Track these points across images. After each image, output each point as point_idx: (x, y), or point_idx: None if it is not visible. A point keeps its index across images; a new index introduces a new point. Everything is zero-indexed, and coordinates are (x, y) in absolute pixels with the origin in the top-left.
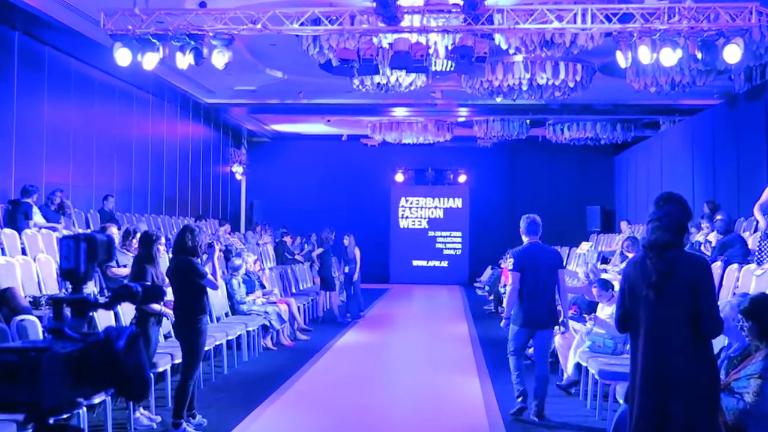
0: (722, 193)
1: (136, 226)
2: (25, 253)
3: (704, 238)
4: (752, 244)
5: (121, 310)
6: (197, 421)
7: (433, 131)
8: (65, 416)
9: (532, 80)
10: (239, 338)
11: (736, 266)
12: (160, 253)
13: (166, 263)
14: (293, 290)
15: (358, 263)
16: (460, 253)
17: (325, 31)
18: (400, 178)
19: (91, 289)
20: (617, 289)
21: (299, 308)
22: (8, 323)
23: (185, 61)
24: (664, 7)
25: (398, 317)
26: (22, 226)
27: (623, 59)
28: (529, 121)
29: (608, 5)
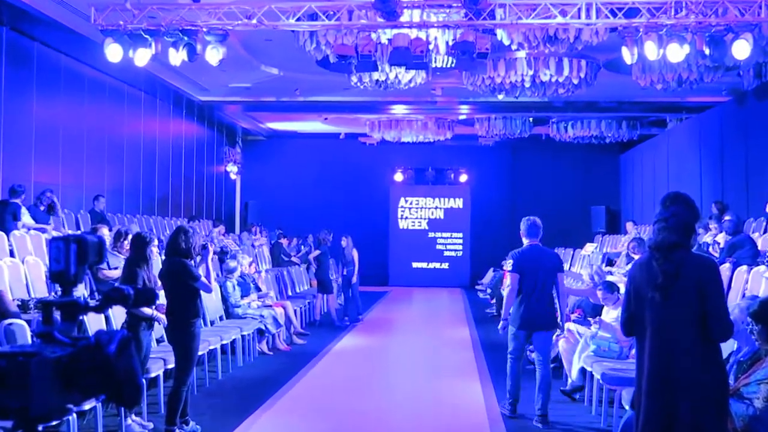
0: (731, 192)
1: (127, 227)
2: (13, 255)
3: (712, 239)
4: (762, 245)
5: (112, 313)
6: (190, 427)
7: (433, 129)
8: (55, 423)
9: (535, 77)
10: (234, 342)
11: (745, 268)
12: (152, 255)
13: (158, 265)
14: (289, 293)
15: (356, 265)
16: (461, 254)
17: (322, 26)
18: (399, 177)
19: (81, 291)
20: (623, 291)
21: (296, 311)
22: None
23: (178, 57)
24: (671, 1)
25: (398, 321)
26: (10, 227)
27: (629, 55)
28: (531, 119)
29: (613, 0)
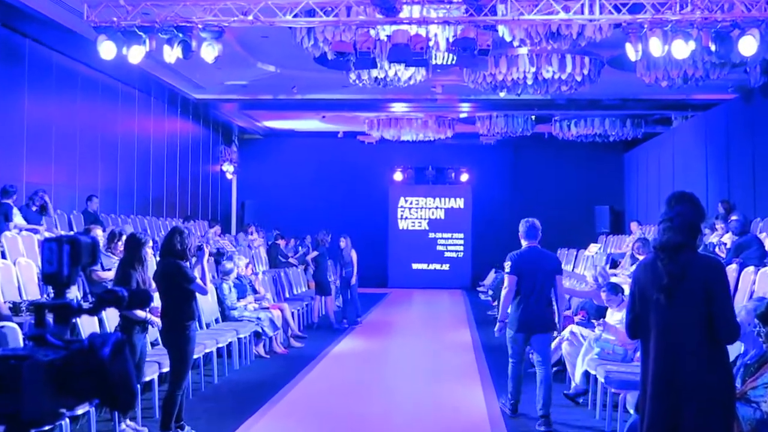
0: (737, 192)
1: (121, 227)
2: (4, 256)
3: (718, 239)
4: None
5: (105, 316)
6: None
7: (433, 128)
8: (47, 428)
9: (537, 74)
10: (230, 346)
11: (752, 269)
12: (147, 256)
13: (153, 267)
14: (287, 295)
15: (354, 266)
16: (462, 255)
17: (320, 22)
18: (399, 177)
19: (74, 294)
20: (627, 293)
21: (293, 314)
22: None
23: (173, 54)
24: None
25: (397, 323)
26: (1, 228)
27: (633, 52)
28: (534, 117)
29: None
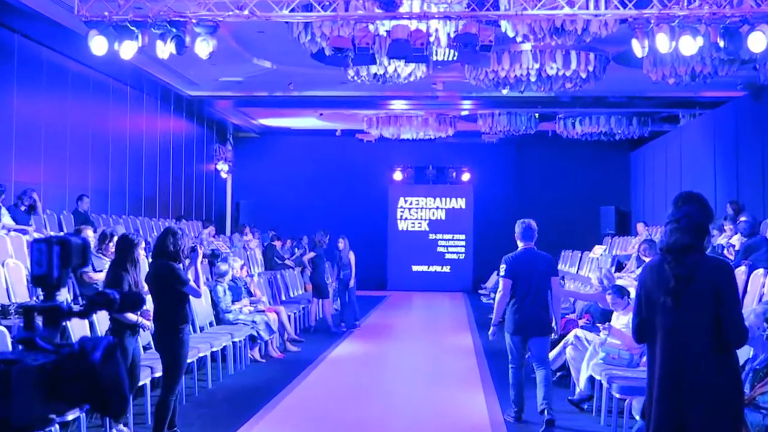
0: (746, 192)
1: (113, 228)
2: None
3: (727, 241)
4: None
5: (96, 319)
6: None
7: (434, 126)
8: None
9: (541, 71)
10: (224, 350)
11: (761, 271)
12: (139, 258)
13: (146, 269)
14: (283, 298)
15: (353, 268)
16: (463, 257)
17: (317, 17)
18: (398, 176)
19: (64, 296)
20: (633, 296)
21: (289, 317)
22: None
23: (166, 50)
24: None
25: (397, 327)
26: None
27: (639, 48)
28: (537, 114)
29: None
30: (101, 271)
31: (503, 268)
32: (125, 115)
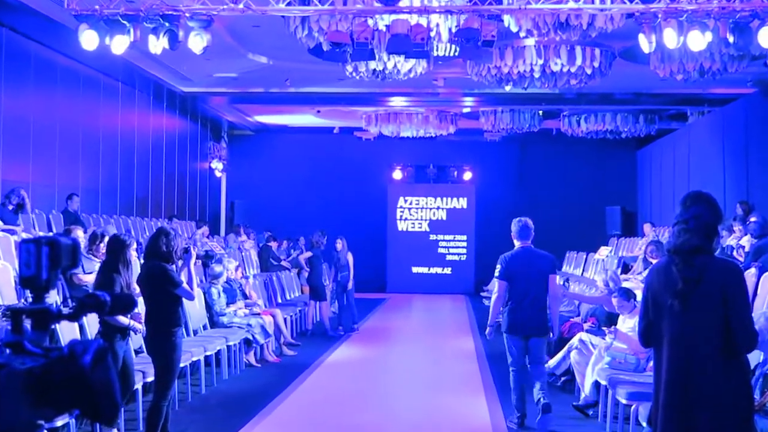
0: (756, 192)
1: (104, 228)
2: None
3: (737, 242)
4: None
5: (86, 322)
6: None
7: (435, 123)
8: None
9: (545, 67)
10: (219, 354)
11: None
12: (131, 259)
13: (138, 270)
14: (279, 300)
15: (351, 270)
16: (464, 258)
17: (314, 11)
18: (398, 175)
19: (53, 298)
20: (640, 299)
21: (286, 320)
22: None
23: (159, 45)
24: None
25: (396, 330)
26: None
27: (647, 43)
28: (541, 112)
29: None
30: (91, 272)
31: (498, 268)
32: (116, 111)
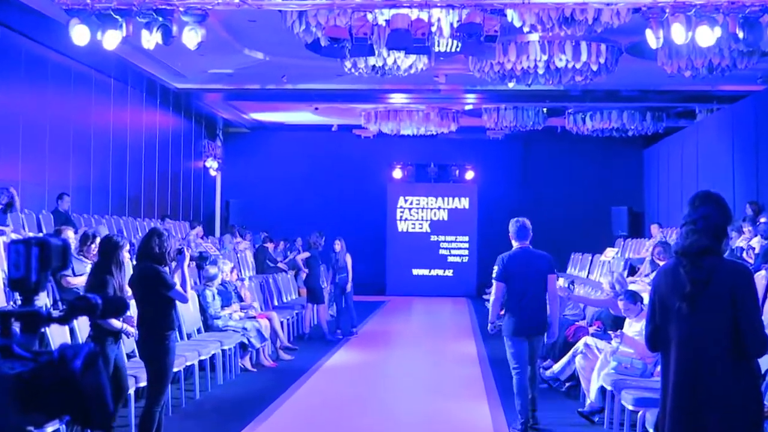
0: (767, 192)
1: (95, 229)
2: None
3: (746, 243)
4: None
5: (77, 325)
6: None
7: (436, 121)
8: None
9: (549, 63)
10: (213, 358)
11: None
12: (124, 261)
13: (130, 272)
14: (275, 303)
15: (349, 272)
16: (466, 260)
17: (312, 5)
18: (398, 174)
19: (43, 301)
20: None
21: (282, 323)
22: None
23: (152, 40)
24: None
25: (396, 334)
26: None
27: (654, 39)
28: (545, 109)
29: None
30: (82, 274)
31: (495, 269)
32: (109, 108)
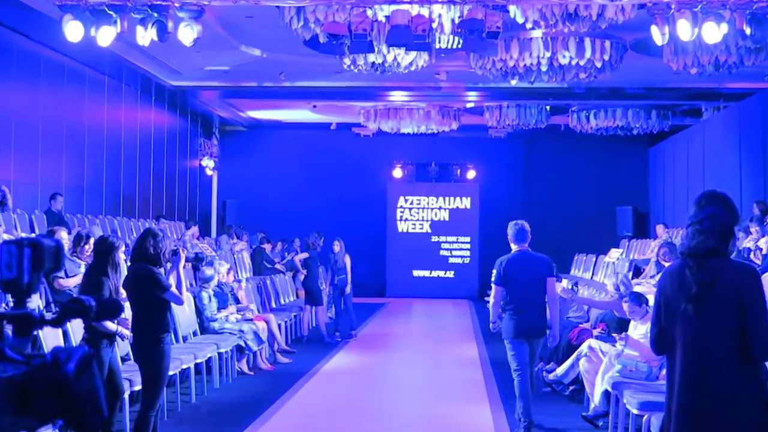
0: None
1: (89, 229)
2: None
3: (754, 244)
4: None
5: (71, 328)
6: None
7: (437, 119)
8: None
9: (552, 60)
10: (209, 361)
11: None
12: (120, 262)
13: (125, 273)
14: (273, 305)
15: (348, 273)
16: (468, 261)
17: (310, 1)
18: (398, 173)
19: (36, 303)
20: (652, 303)
21: (280, 326)
22: None
23: (147, 36)
24: None
25: (396, 337)
26: None
27: (659, 35)
28: (549, 107)
29: None
30: (75, 275)
31: (494, 273)
32: (102, 106)
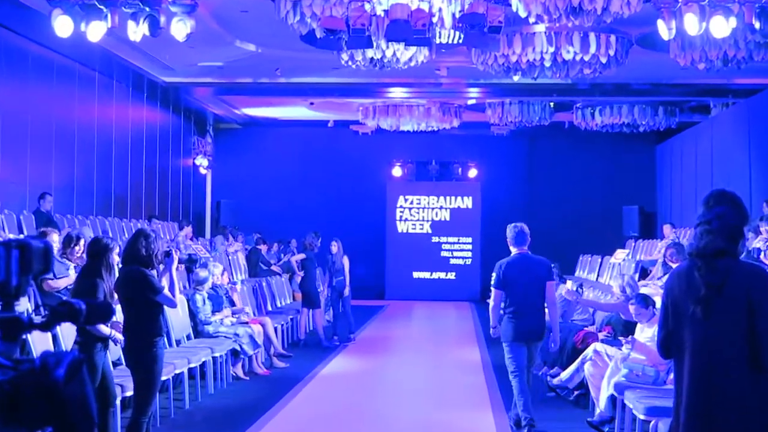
0: None
1: (79, 230)
2: None
3: (763, 244)
4: None
5: (60, 332)
6: None
7: (437, 116)
8: None
9: (556, 55)
10: (204, 366)
11: None
12: (114, 264)
13: (116, 275)
14: (269, 308)
15: (347, 275)
16: (469, 262)
17: None
18: (397, 172)
19: (24, 306)
20: (659, 306)
21: (276, 329)
22: None
23: (138, 31)
24: None
25: (396, 340)
26: None
27: (666, 30)
28: (552, 104)
29: None
30: (64, 277)
31: (494, 277)
32: (93, 103)
